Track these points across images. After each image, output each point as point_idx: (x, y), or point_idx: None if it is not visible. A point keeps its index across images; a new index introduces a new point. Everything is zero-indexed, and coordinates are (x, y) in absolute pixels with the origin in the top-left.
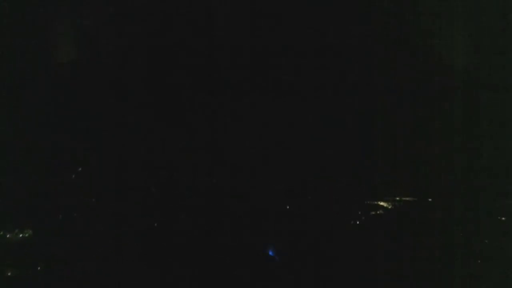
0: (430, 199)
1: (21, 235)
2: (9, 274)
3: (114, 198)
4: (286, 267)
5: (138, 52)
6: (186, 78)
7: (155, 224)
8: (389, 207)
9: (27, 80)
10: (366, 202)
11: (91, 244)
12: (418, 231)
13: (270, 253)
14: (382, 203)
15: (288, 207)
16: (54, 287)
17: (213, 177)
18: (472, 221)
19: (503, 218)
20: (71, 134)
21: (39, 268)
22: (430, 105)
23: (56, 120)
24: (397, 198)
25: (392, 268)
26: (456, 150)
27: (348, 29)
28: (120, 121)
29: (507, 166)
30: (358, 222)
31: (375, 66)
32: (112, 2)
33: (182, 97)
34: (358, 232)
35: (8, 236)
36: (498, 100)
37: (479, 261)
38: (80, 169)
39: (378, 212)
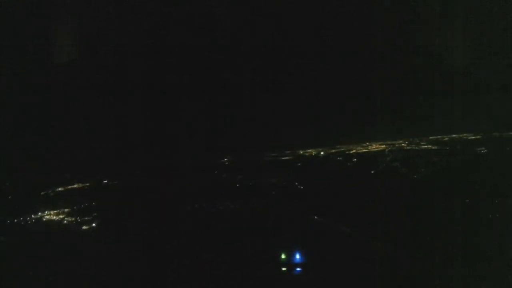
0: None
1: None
2: (9, 273)
3: (116, 198)
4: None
5: (138, 52)
6: (186, 77)
7: (161, 227)
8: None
9: (27, 80)
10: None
11: (91, 244)
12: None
13: (297, 258)
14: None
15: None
16: (54, 286)
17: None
18: (472, 221)
19: (503, 218)
20: (71, 133)
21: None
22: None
23: (56, 120)
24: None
25: (391, 269)
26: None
27: (348, 28)
28: (120, 121)
29: (507, 166)
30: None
31: (375, 65)
32: (112, 2)
33: (182, 97)
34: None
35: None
36: (498, 100)
37: (479, 261)
38: (79, 168)
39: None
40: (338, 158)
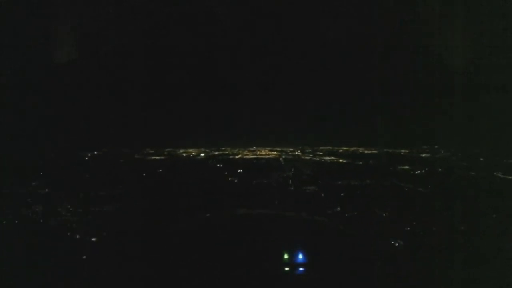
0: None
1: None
2: (9, 273)
3: (117, 199)
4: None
5: (138, 52)
6: (186, 77)
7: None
8: None
9: (27, 80)
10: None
11: (93, 245)
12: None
13: (299, 258)
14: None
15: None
16: (55, 286)
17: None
18: (472, 221)
19: (503, 218)
20: (71, 134)
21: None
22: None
23: (56, 120)
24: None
25: (391, 268)
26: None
27: (349, 28)
28: (121, 121)
29: (506, 165)
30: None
31: (375, 65)
32: (112, 2)
33: (183, 97)
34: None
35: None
36: (498, 100)
37: (479, 261)
38: (80, 169)
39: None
40: (218, 165)
